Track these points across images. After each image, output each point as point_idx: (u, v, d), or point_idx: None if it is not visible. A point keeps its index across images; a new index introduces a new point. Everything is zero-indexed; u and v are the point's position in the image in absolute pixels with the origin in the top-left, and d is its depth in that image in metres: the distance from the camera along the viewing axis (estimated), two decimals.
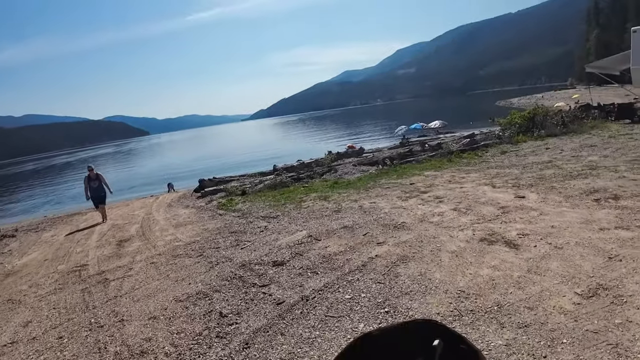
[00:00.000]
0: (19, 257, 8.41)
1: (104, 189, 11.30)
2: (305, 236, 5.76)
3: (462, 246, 4.60)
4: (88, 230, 9.88)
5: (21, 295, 5.60)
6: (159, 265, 5.67)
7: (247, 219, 7.71)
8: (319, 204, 8.01)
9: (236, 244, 6.05)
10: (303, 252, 5.11)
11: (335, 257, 4.74)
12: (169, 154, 68.47)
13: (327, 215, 6.85)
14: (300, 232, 6.00)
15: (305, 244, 5.44)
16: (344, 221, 6.27)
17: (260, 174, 14.80)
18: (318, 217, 6.88)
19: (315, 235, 5.71)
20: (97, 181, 11.23)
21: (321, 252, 5.00)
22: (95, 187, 11.14)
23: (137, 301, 4.46)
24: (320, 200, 8.29)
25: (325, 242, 5.37)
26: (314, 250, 5.10)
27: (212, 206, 10.20)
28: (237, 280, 4.49)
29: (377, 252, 4.71)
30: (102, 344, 3.66)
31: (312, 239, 5.56)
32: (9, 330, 4.40)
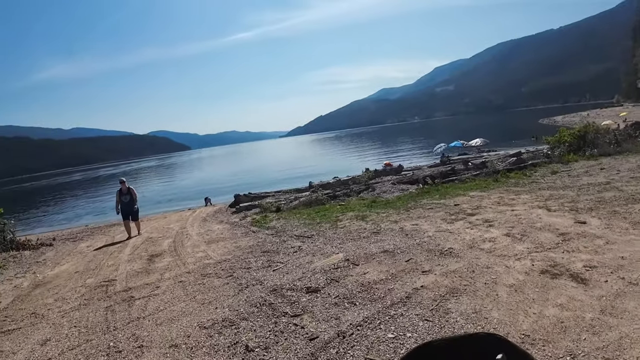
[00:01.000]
0: (52, 268, 8.39)
1: (135, 204, 11.15)
2: (341, 260, 5.31)
3: (522, 279, 4.05)
4: (123, 243, 9.83)
5: (45, 309, 5.43)
6: (187, 285, 5.38)
7: (281, 238, 7.37)
8: (356, 224, 7.57)
9: (268, 265, 5.68)
10: (339, 277, 4.66)
11: (375, 285, 4.27)
12: (208, 169, 69.89)
13: (365, 237, 6.39)
14: (336, 255, 5.57)
15: (341, 268, 4.99)
16: (383, 244, 5.79)
17: (295, 191, 14.52)
18: (355, 238, 6.43)
19: (352, 259, 5.25)
20: (129, 195, 11.05)
21: (359, 279, 4.54)
22: (126, 201, 10.96)
23: (160, 325, 4.14)
24: (357, 220, 7.84)
25: (363, 267, 4.91)
26: (351, 277, 4.65)
27: (246, 222, 9.96)
28: (267, 308, 4.09)
29: (423, 282, 4.21)
30: None
31: (350, 264, 5.11)
32: (26, 348, 4.17)
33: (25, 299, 6.20)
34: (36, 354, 3.97)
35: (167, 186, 45.68)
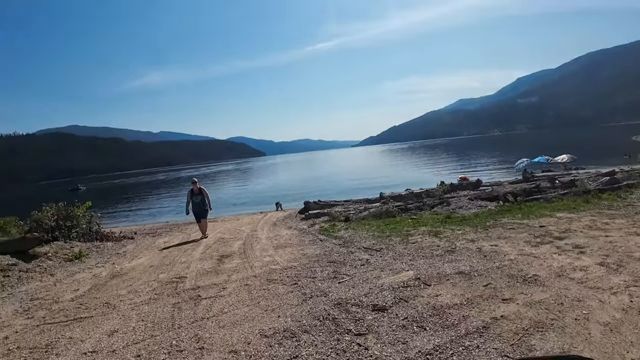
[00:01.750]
0: (130, 260, 8.86)
1: (206, 204, 11.07)
2: (412, 278, 4.97)
3: (618, 317, 3.50)
4: (197, 241, 10.17)
5: (118, 300, 5.67)
6: (252, 289, 5.35)
7: (348, 249, 7.16)
8: (428, 240, 7.16)
9: (334, 276, 5.49)
10: (409, 297, 4.33)
11: (449, 310, 3.90)
12: (280, 174, 71.63)
13: (438, 255, 5.98)
14: (406, 272, 5.23)
15: (411, 287, 4.65)
16: (459, 265, 5.35)
17: (365, 201, 14.25)
18: (427, 256, 6.04)
19: (424, 279, 4.90)
20: (200, 195, 11.06)
21: (431, 301, 4.19)
22: (197, 201, 11.00)
23: (223, 327, 4.11)
24: (430, 236, 7.42)
25: (436, 288, 4.55)
26: (422, 298, 4.30)
27: (314, 230, 9.88)
28: (330, 322, 3.89)
29: (503, 311, 3.77)
30: None
31: (420, 283, 4.76)
32: (94, 337, 4.34)
33: (102, 288, 6.56)
34: (102, 344, 4.09)
35: (241, 189, 47.43)
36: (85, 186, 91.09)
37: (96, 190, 79.02)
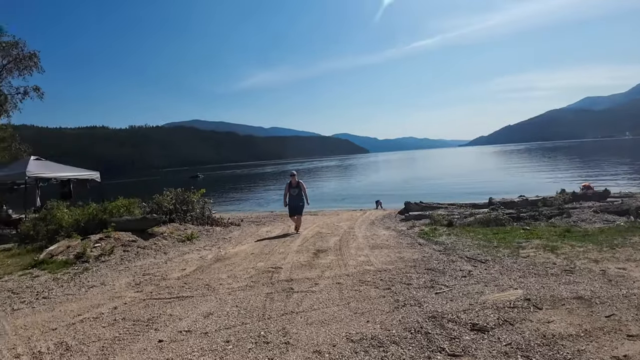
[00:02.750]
0: (234, 246, 9.31)
1: (302, 199, 11.04)
2: (520, 298, 4.40)
3: None
4: (296, 234, 10.36)
5: (217, 284, 5.94)
6: (344, 288, 5.22)
7: (449, 257, 6.67)
8: (543, 255, 6.35)
9: (431, 285, 5.11)
10: (515, 320, 3.81)
11: (561, 341, 3.32)
12: (382, 173, 70.97)
13: (553, 275, 5.25)
14: (513, 291, 4.66)
15: (519, 309, 4.09)
16: (577, 288, 4.62)
17: (472, 206, 13.35)
18: (541, 274, 5.33)
19: (534, 300, 4.29)
20: (298, 189, 11.07)
21: (541, 327, 3.62)
22: (294, 195, 11.03)
23: (310, 324, 4.03)
24: (545, 251, 6.59)
25: (548, 313, 3.94)
26: (530, 322, 3.75)
27: (414, 232, 9.47)
28: (422, 337, 3.57)
29: (627, 350, 3.10)
30: None
31: (530, 305, 4.17)
32: (191, 317, 4.55)
33: (205, 270, 6.95)
34: (197, 325, 4.27)
35: (343, 185, 47.88)
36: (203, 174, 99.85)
37: (212, 179, 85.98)
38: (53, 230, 10.55)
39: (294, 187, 11.10)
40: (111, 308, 5.14)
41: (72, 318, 4.84)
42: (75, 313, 5.03)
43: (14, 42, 18.63)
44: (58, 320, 4.78)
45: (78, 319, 4.79)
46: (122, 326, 4.42)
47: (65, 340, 4.12)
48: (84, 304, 5.44)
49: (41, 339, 4.22)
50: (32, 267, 7.96)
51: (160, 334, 4.10)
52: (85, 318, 4.80)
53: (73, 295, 5.94)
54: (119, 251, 8.84)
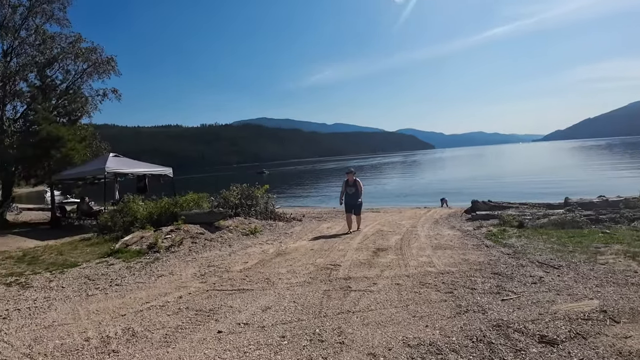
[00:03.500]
0: (295, 241, 9.42)
1: (359, 197, 10.62)
2: (595, 309, 3.98)
3: None
4: (356, 231, 10.27)
5: (277, 278, 6.03)
6: (403, 290, 5.06)
7: (519, 261, 6.25)
8: (623, 263, 5.74)
9: (497, 291, 4.80)
10: (588, 334, 3.45)
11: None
12: (448, 169, 68.66)
13: (634, 284, 4.71)
14: (589, 301, 4.23)
15: (593, 321, 3.71)
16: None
17: (545, 206, 12.49)
18: (620, 283, 4.80)
19: (611, 313, 3.87)
20: (354, 187, 10.63)
21: (617, 343, 3.25)
22: (351, 193, 10.61)
23: (366, 325, 3.94)
24: (625, 258, 5.95)
25: (626, 327, 3.54)
26: (605, 337, 3.38)
27: (480, 233, 9.02)
28: (485, 347, 3.34)
29: None
30: None
31: (607, 317, 3.77)
32: (250, 310, 4.64)
33: (266, 264, 7.09)
34: (255, 318, 4.35)
35: (406, 182, 47.02)
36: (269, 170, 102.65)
37: (277, 175, 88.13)
38: (129, 222, 11.32)
39: (350, 186, 10.71)
40: (177, 297, 5.38)
41: (140, 305, 5.13)
42: (143, 300, 5.33)
43: (93, 48, 20.25)
44: (127, 307, 5.08)
45: (146, 306, 5.07)
46: (185, 315, 4.61)
47: (132, 326, 4.36)
48: (152, 292, 5.75)
49: (110, 324, 4.50)
50: (108, 256, 8.57)
51: (220, 325, 4.22)
52: (152, 306, 5.06)
53: (143, 283, 6.31)
54: (188, 243, 9.27)
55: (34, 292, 6.13)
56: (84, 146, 17.89)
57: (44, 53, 19.05)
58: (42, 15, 19.15)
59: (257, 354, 3.50)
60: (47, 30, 19.40)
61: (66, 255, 9.21)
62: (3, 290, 6.34)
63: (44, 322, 4.67)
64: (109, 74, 20.73)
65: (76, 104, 19.60)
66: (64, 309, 5.20)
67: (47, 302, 5.54)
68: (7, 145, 17.62)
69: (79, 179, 18.21)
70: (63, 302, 5.49)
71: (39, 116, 16.61)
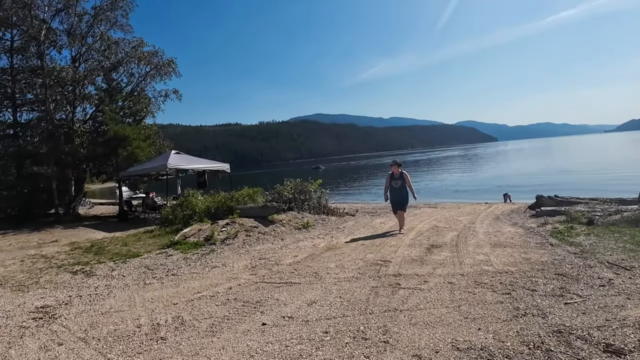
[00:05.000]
0: (346, 236, 9.33)
1: (406, 192, 9.71)
2: None
3: None
4: (411, 226, 9.98)
5: (325, 272, 5.97)
6: (455, 289, 4.80)
7: (586, 261, 5.73)
8: None
9: (560, 293, 4.40)
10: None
11: None
12: (512, 163, 65.37)
13: None
14: None
15: None
16: None
17: (618, 201, 11.49)
18: None
19: None
20: (400, 181, 9.66)
21: None
22: (397, 187, 9.65)
23: (414, 325, 3.77)
24: None
25: None
26: None
27: (545, 231, 8.43)
28: (542, 354, 3.04)
29: None
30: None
31: None
32: (296, 303, 4.63)
33: (316, 258, 7.05)
34: (300, 312, 4.31)
35: (466, 176, 45.36)
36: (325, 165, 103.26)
37: (333, 170, 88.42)
38: (188, 215, 11.78)
39: (396, 179, 9.70)
40: (227, 288, 5.48)
41: (192, 295, 5.27)
42: (195, 290, 5.48)
43: (154, 51, 21.29)
44: (180, 296, 5.24)
45: (197, 296, 5.21)
46: (232, 306, 4.68)
47: (182, 314, 4.49)
48: (204, 282, 5.90)
49: (162, 312, 4.66)
50: (168, 247, 8.95)
51: (265, 317, 4.23)
52: (203, 296, 5.19)
53: (197, 274, 6.50)
54: (242, 235, 9.46)
55: (96, 280, 6.51)
56: (148, 144, 18.88)
57: (109, 58, 20.35)
58: (107, 22, 20.35)
59: (298, 348, 3.45)
60: (111, 36, 20.64)
61: (130, 246, 9.74)
62: (69, 277, 6.80)
63: (102, 309, 4.92)
64: (170, 75, 21.74)
65: (140, 104, 20.70)
66: (121, 296, 5.46)
67: (107, 289, 5.86)
68: (78, 144, 19.02)
69: (144, 175, 19.30)
70: (122, 290, 5.78)
71: (106, 117, 17.71)
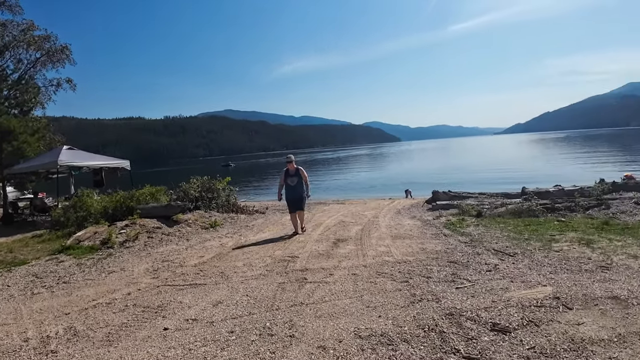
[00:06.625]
0: (255, 233, 9.23)
1: (303, 189, 8.86)
2: (549, 296, 4.02)
3: None
4: (319, 222, 10.15)
5: (232, 272, 5.85)
6: (359, 280, 4.98)
7: (475, 249, 6.30)
8: (577, 249, 5.89)
9: (452, 279, 4.78)
10: (541, 321, 3.46)
11: (591, 346, 2.97)
12: (414, 161, 69.83)
13: (587, 271, 4.81)
14: (542, 288, 4.27)
15: (546, 308, 3.73)
16: (613, 287, 4.18)
17: (503, 195, 12.79)
18: (574, 270, 4.89)
19: (564, 299, 3.91)
20: (296, 177, 8.80)
21: (569, 330, 3.26)
22: (293, 185, 8.79)
23: (319, 317, 3.84)
24: (580, 245, 6.11)
25: (578, 314, 3.57)
26: (558, 324, 3.40)
27: (439, 223, 9.10)
28: (436, 335, 3.29)
29: None
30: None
31: (559, 304, 3.80)
32: (200, 305, 4.47)
33: (223, 257, 6.89)
34: (205, 314, 4.17)
35: (373, 174, 47.47)
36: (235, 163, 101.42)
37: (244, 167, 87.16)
38: (82, 217, 10.82)
39: (291, 176, 8.85)
40: (125, 294, 5.13)
41: (86, 303, 4.86)
42: (90, 298, 5.06)
43: (46, 35, 19.33)
44: (73, 305, 4.81)
45: (92, 304, 4.81)
46: (132, 312, 4.39)
47: (75, 325, 4.11)
48: (100, 289, 5.47)
49: (52, 323, 4.23)
50: (59, 252, 8.16)
51: (167, 321, 4.03)
52: (99, 303, 4.80)
53: (92, 280, 6.00)
54: (144, 237, 8.93)
55: None
56: (36, 139, 17.05)
57: None
58: None
59: (202, 350, 3.33)
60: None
61: (16, 252, 8.73)
62: None
63: None
64: (63, 63, 19.87)
65: (28, 94, 18.70)
66: (6, 308, 4.90)
67: None
68: None
69: (32, 173, 17.42)
70: (6, 302, 5.18)
71: None
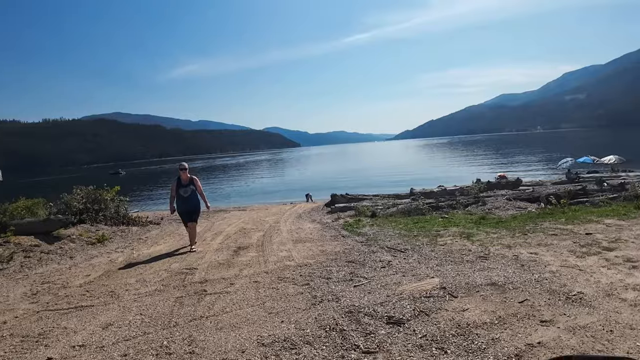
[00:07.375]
0: (149, 246, 8.68)
1: (198, 199, 8.13)
2: (436, 286, 4.40)
3: None
4: (219, 230, 9.89)
5: (124, 290, 5.41)
6: (260, 287, 4.95)
7: (370, 247, 6.64)
8: (459, 242, 6.52)
9: (350, 278, 4.99)
10: (430, 310, 3.77)
11: (476, 330, 3.31)
12: (314, 166, 71.47)
13: (469, 262, 5.35)
14: (431, 280, 4.66)
15: (435, 298, 4.07)
16: (491, 274, 4.70)
17: (394, 196, 13.66)
18: (457, 261, 5.41)
19: (450, 289, 4.31)
20: (190, 188, 8.00)
21: (456, 316, 3.60)
22: (186, 196, 7.94)
23: (220, 329, 3.73)
24: (461, 238, 6.77)
25: (463, 301, 3.95)
26: (445, 312, 3.73)
27: (338, 225, 9.42)
28: (337, 334, 3.40)
29: (541, 336, 3.14)
30: None
31: (446, 293, 4.17)
32: (88, 329, 4.07)
33: (112, 275, 6.35)
34: (94, 338, 3.80)
35: (274, 179, 47.57)
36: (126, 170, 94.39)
37: (136, 175, 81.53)
38: None
39: (184, 186, 7.99)
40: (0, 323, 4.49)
41: None
42: None
43: None
44: None
45: None
46: (8, 343, 3.84)
47: None
48: None
49: None
50: None
51: (50, 350, 3.60)
52: None
53: None
54: (19, 257, 7.88)
55: None
56: None
57: None
58: None
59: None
60: None
61: None
62: None
63: None
64: None
65: None
66: None
67: None
68: None
69: None
70: None
71: None
